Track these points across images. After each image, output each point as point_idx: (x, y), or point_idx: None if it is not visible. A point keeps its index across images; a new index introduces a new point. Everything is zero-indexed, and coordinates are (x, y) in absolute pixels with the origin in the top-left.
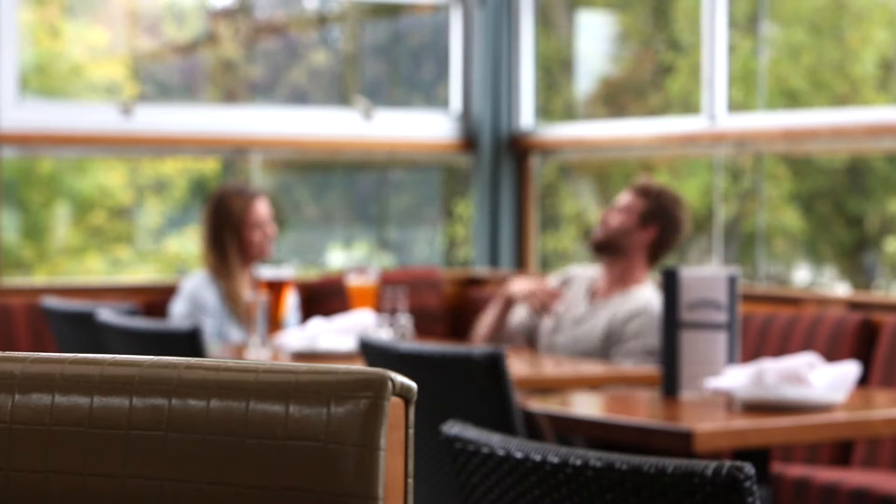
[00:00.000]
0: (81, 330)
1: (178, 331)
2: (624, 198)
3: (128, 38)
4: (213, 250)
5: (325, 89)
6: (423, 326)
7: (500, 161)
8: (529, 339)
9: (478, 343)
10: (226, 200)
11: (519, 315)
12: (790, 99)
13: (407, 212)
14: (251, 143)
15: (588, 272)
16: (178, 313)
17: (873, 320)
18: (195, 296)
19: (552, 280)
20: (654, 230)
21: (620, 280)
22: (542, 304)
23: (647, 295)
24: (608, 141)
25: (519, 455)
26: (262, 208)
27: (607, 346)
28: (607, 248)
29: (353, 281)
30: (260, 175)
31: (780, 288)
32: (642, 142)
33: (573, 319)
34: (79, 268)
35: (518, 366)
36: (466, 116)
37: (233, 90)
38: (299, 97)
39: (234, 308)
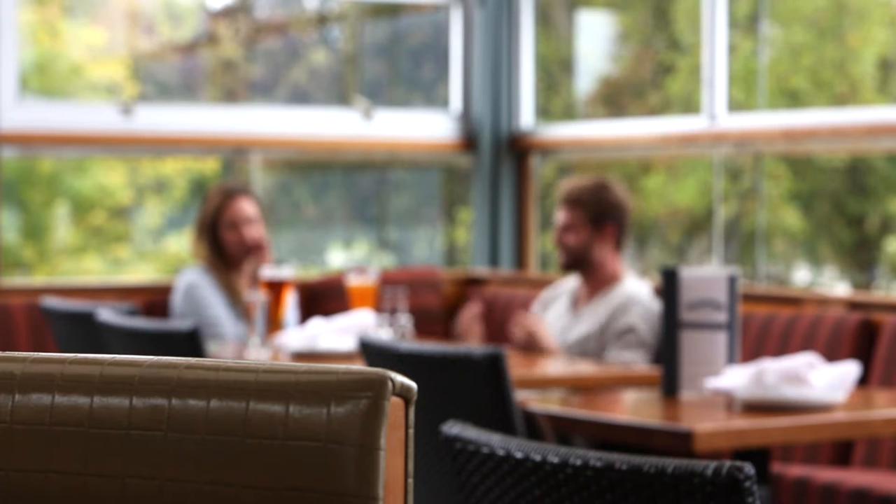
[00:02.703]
0: (81, 330)
1: (178, 331)
2: (563, 216)
3: (127, 38)
4: (197, 247)
5: (325, 89)
6: (423, 326)
7: (500, 161)
8: None
9: None
10: (208, 197)
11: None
12: (790, 99)
13: (407, 212)
14: (251, 143)
15: (570, 285)
16: (179, 307)
17: (873, 320)
18: (192, 289)
19: (535, 307)
20: (610, 228)
21: (600, 284)
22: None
23: (631, 288)
24: (608, 141)
25: (519, 455)
26: (239, 207)
27: (601, 343)
28: (576, 265)
29: (353, 281)
30: (260, 175)
31: (780, 288)
32: (642, 142)
33: (560, 329)
34: (78, 268)
35: (518, 366)
36: (466, 116)
37: (233, 90)
38: (299, 97)
39: (233, 301)
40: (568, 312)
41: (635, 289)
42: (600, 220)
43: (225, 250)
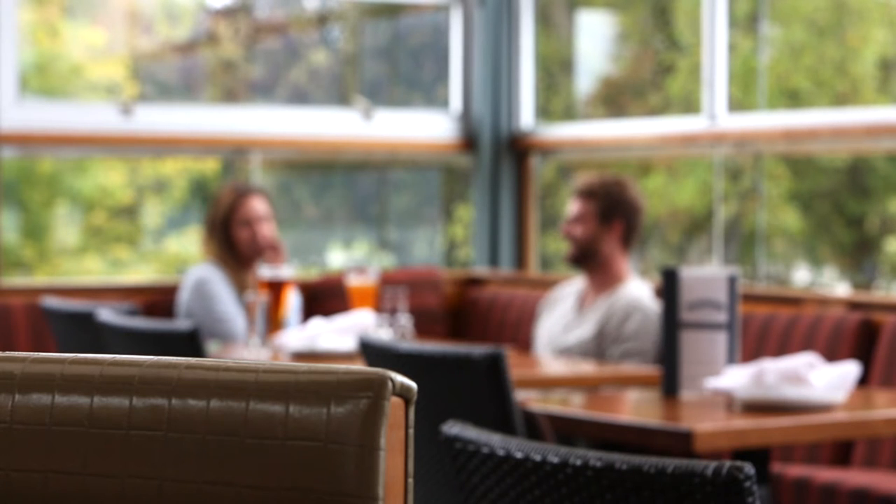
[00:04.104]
0: (81, 330)
1: (178, 331)
2: (574, 206)
3: (127, 38)
4: (208, 245)
5: (325, 89)
6: (423, 326)
7: (500, 161)
8: None
9: None
10: (219, 196)
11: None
12: (791, 99)
13: (407, 212)
14: (251, 143)
15: (575, 286)
16: (187, 303)
17: (873, 320)
18: (202, 283)
19: (540, 307)
20: (618, 224)
21: (604, 283)
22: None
23: (634, 291)
24: (608, 141)
25: (519, 455)
26: (251, 206)
27: (601, 345)
28: (583, 259)
29: (353, 281)
30: (260, 175)
31: (780, 288)
32: (642, 142)
33: (563, 327)
34: (79, 268)
35: (518, 366)
36: (466, 116)
37: (233, 90)
38: (299, 97)
39: (242, 298)
40: (573, 312)
41: (638, 292)
42: (609, 214)
43: (237, 248)
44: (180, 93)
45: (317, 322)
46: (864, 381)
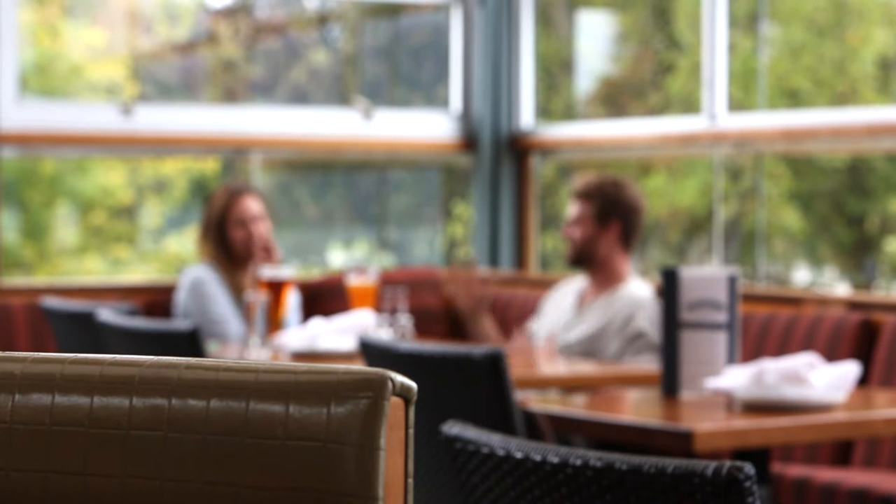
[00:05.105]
0: (81, 330)
1: (178, 331)
2: (573, 208)
3: (127, 38)
4: (203, 246)
5: (325, 89)
6: (423, 326)
7: (500, 161)
8: None
9: None
10: (213, 196)
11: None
12: (790, 99)
13: (407, 212)
14: (251, 143)
15: (576, 285)
16: (183, 303)
17: (873, 320)
18: (198, 284)
19: (541, 304)
20: (615, 225)
21: (605, 283)
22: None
23: (635, 290)
24: (608, 141)
25: (519, 455)
26: (245, 205)
27: (601, 344)
28: (582, 261)
29: (353, 281)
30: (260, 175)
31: (780, 288)
32: (642, 142)
33: (563, 325)
34: (79, 268)
35: (518, 366)
36: (466, 116)
37: (233, 90)
38: (299, 97)
39: (237, 299)
40: (573, 310)
41: (639, 291)
42: (606, 216)
43: (232, 248)
44: (180, 93)
45: (317, 322)
46: (864, 381)
